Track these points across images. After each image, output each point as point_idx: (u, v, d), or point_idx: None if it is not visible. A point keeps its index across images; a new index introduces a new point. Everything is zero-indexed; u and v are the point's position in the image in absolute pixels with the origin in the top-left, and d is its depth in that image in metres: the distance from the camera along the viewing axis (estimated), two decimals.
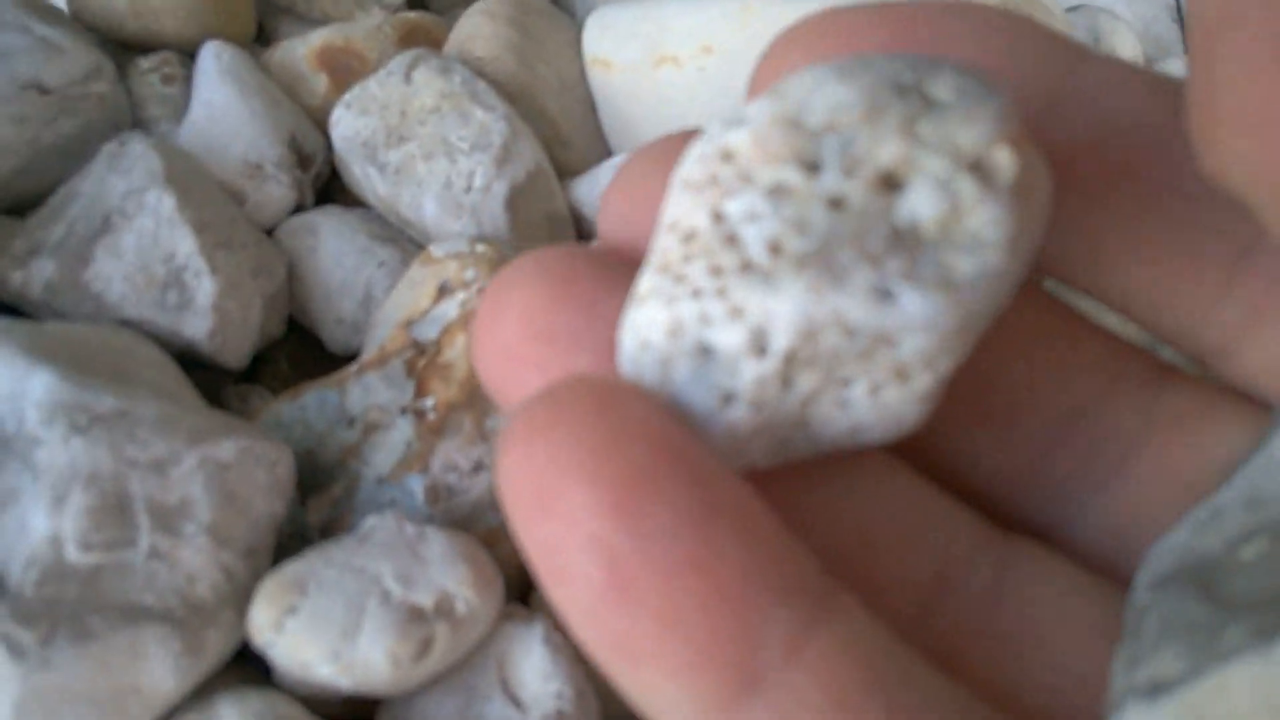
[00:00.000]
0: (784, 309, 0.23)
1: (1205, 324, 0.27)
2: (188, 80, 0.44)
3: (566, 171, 0.46)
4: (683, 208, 0.25)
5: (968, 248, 0.22)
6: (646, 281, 0.25)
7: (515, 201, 0.42)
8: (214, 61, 0.43)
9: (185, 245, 0.38)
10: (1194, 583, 0.20)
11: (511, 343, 0.28)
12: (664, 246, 0.25)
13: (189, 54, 0.45)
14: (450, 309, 0.38)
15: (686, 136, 0.29)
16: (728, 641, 0.21)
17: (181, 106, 0.44)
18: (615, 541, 0.20)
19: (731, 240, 0.24)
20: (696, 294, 0.24)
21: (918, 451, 0.29)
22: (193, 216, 0.38)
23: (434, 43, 0.46)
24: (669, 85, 0.44)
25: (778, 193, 0.24)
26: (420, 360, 0.37)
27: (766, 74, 0.28)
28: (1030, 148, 0.25)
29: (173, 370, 0.37)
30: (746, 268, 0.23)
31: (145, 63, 0.45)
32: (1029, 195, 0.24)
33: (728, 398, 0.24)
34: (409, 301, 0.39)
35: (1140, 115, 0.26)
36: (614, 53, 0.45)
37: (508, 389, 0.28)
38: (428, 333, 0.38)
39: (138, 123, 0.44)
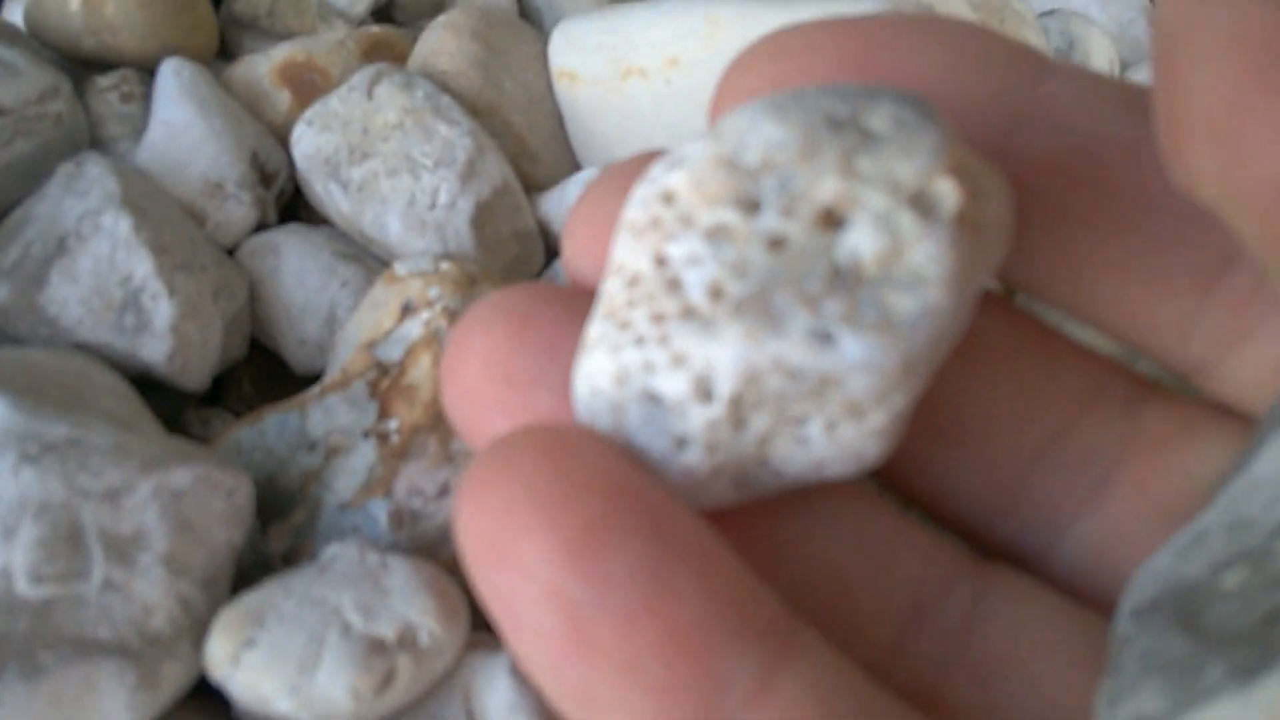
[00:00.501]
0: (724, 356, 0.22)
1: (1184, 341, 0.26)
2: (147, 98, 0.44)
3: (534, 186, 0.45)
4: (626, 251, 0.24)
5: (908, 285, 0.22)
6: (594, 328, 0.24)
7: (481, 218, 0.41)
8: (173, 79, 0.42)
9: (142, 267, 0.37)
10: (1176, 613, 0.20)
11: (475, 385, 0.27)
12: (610, 291, 0.24)
13: (149, 71, 0.44)
14: (414, 329, 0.37)
15: (648, 159, 0.29)
16: (690, 689, 0.21)
17: (141, 125, 0.43)
18: (572, 591, 0.20)
19: (674, 285, 0.23)
20: (640, 341, 0.23)
21: (894, 478, 0.29)
22: (150, 238, 0.37)
23: (398, 57, 0.46)
24: (636, 98, 0.43)
25: (717, 235, 0.23)
26: (383, 381, 0.37)
27: (724, 99, 0.28)
28: (985, 170, 0.24)
29: (129, 395, 0.36)
30: (687, 314, 0.22)
31: (104, 81, 0.44)
32: (976, 224, 0.23)
33: (681, 442, 0.23)
34: (372, 321, 0.38)
35: (1110, 128, 0.26)
36: (580, 65, 0.45)
37: (474, 431, 0.28)
38: (391, 353, 0.37)
39: (96, 142, 0.43)
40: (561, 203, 0.44)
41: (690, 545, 0.21)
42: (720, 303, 0.21)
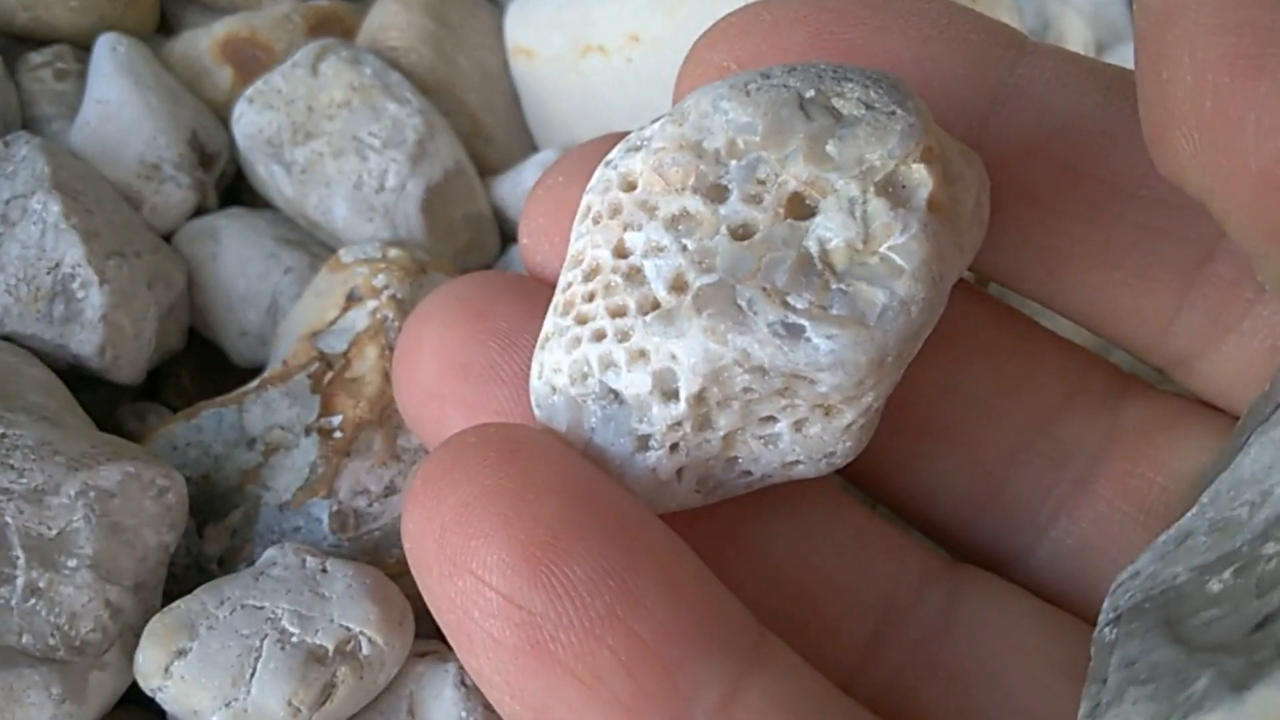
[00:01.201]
0: (687, 351, 0.21)
1: (1164, 334, 0.25)
2: (83, 75, 0.41)
3: (489, 169, 0.44)
4: (584, 241, 0.22)
5: (880, 277, 0.20)
6: (550, 321, 0.23)
7: (432, 202, 0.40)
8: (109, 55, 0.40)
9: (72, 254, 0.35)
10: (1161, 619, 0.19)
11: (428, 379, 0.26)
12: (567, 282, 0.23)
13: (85, 48, 0.42)
14: (359, 319, 0.35)
15: (605, 142, 0.27)
16: (655, 704, 0.19)
17: (76, 104, 0.41)
18: (530, 601, 0.19)
19: (634, 276, 0.21)
20: (598, 336, 0.21)
21: (867, 477, 0.28)
22: (81, 223, 0.35)
23: (346, 32, 0.44)
24: (595, 76, 0.42)
25: (680, 223, 0.21)
26: (327, 375, 0.35)
27: (689, 78, 0.26)
28: (959, 155, 0.23)
29: (58, 389, 0.34)
30: (648, 307, 0.21)
31: (36, 57, 0.42)
32: (951, 211, 0.21)
33: (643, 441, 0.22)
34: (315, 311, 0.36)
35: (1089, 112, 0.24)
36: (537, 42, 0.43)
37: (427, 427, 0.26)
38: (335, 345, 0.35)
39: (28, 122, 0.41)
40: (517, 186, 0.42)
41: (654, 551, 0.20)
42: (683, 295, 0.21)
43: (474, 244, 0.41)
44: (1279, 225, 0.18)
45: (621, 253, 0.22)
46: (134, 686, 0.30)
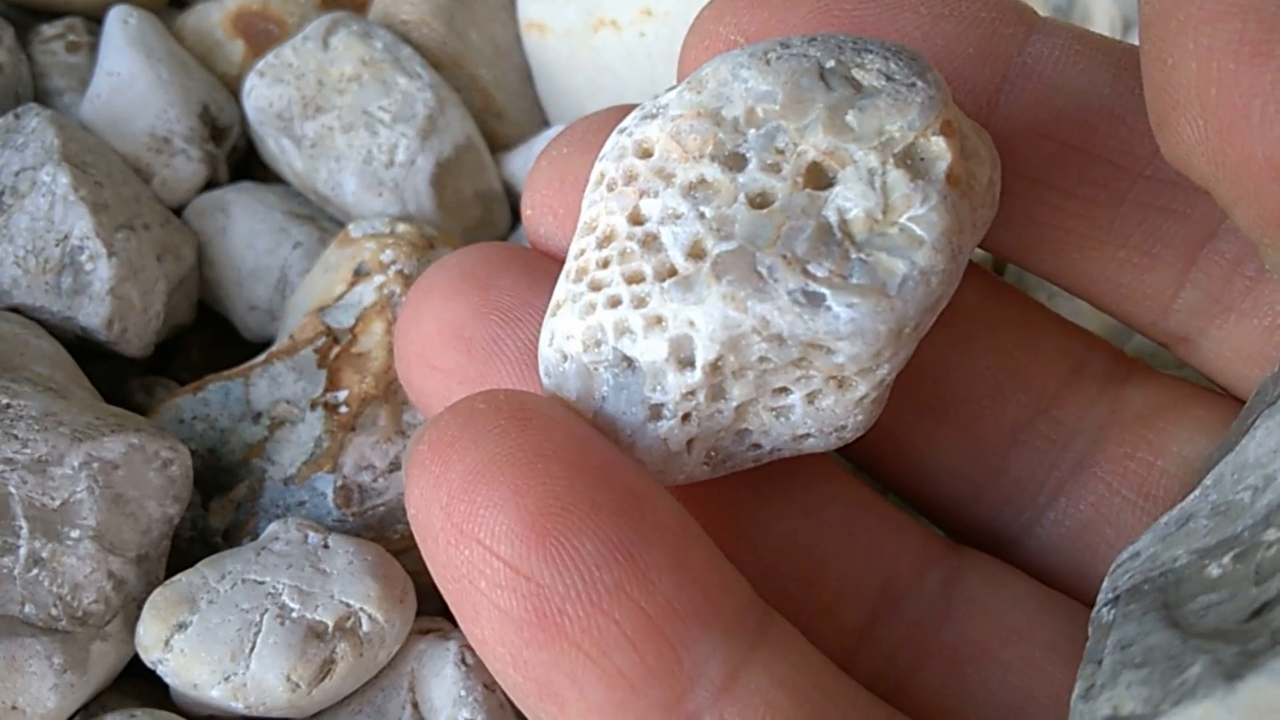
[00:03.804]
0: (705, 318, 0.20)
1: (1167, 311, 0.25)
2: (94, 48, 0.41)
3: (500, 144, 0.43)
4: (598, 207, 0.22)
5: (900, 247, 0.20)
6: (562, 288, 0.22)
7: (441, 178, 0.39)
8: (120, 27, 0.40)
9: (81, 226, 0.35)
10: (1159, 601, 0.18)
11: (430, 351, 0.26)
12: (580, 249, 0.22)
13: (96, 20, 0.42)
14: (366, 294, 0.35)
15: (612, 115, 0.27)
16: (659, 679, 0.19)
17: (87, 76, 0.41)
18: (537, 572, 0.19)
19: (650, 243, 0.21)
20: (613, 302, 0.21)
21: (869, 455, 0.27)
22: (90, 195, 0.35)
23: (358, 6, 0.44)
24: (608, 50, 0.41)
25: (698, 191, 0.21)
26: (333, 349, 0.35)
27: (693, 51, 0.26)
28: (971, 132, 0.22)
29: (64, 361, 0.34)
30: (665, 274, 0.21)
31: (49, 30, 0.42)
32: (967, 185, 0.21)
33: (655, 411, 0.21)
34: (323, 286, 0.36)
35: (1097, 91, 0.24)
36: (550, 16, 0.43)
37: (428, 399, 0.26)
38: (342, 320, 0.35)
39: (40, 94, 0.41)
40: (529, 162, 0.42)
41: (663, 527, 0.20)
42: (701, 262, 0.20)
43: (484, 220, 0.41)
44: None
45: (637, 219, 0.22)
46: (136, 658, 0.30)
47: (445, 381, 0.26)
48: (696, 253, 0.21)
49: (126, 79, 0.39)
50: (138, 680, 0.31)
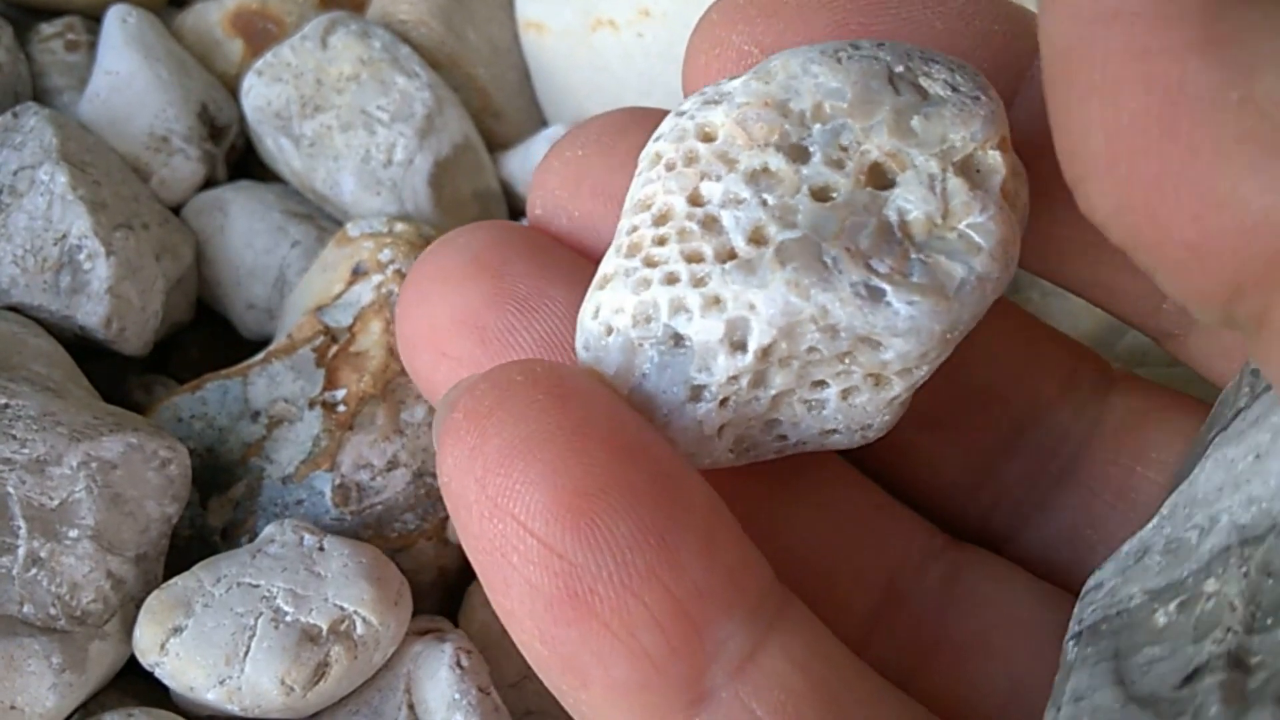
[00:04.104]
0: (767, 302, 0.20)
1: (1158, 311, 0.25)
2: (93, 47, 0.41)
3: (498, 144, 0.43)
4: (655, 186, 0.22)
5: (959, 252, 0.20)
6: (612, 262, 0.22)
7: (439, 177, 0.39)
8: (119, 26, 0.40)
9: (79, 225, 0.35)
10: (1111, 649, 0.19)
11: (440, 337, 0.26)
12: (632, 225, 0.23)
13: (96, 19, 0.42)
14: (364, 293, 0.35)
15: (622, 116, 0.27)
16: (681, 659, 0.19)
17: (86, 75, 0.41)
18: (571, 551, 0.19)
19: (711, 224, 0.21)
20: (670, 279, 0.21)
21: (867, 457, 0.28)
22: (88, 194, 0.35)
23: (357, 5, 0.44)
24: (606, 50, 0.41)
25: (761, 178, 0.21)
26: (331, 348, 0.35)
27: (704, 55, 0.25)
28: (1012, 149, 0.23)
29: (63, 360, 0.34)
30: (725, 256, 0.21)
31: (47, 28, 0.42)
32: (1015, 201, 0.22)
33: (697, 392, 0.22)
34: (321, 285, 0.36)
35: None
36: (548, 16, 0.43)
37: (436, 384, 0.26)
38: (340, 319, 0.35)
39: (39, 93, 0.41)
40: (527, 161, 0.42)
41: (695, 509, 0.20)
42: (764, 248, 0.20)
43: (482, 219, 0.41)
44: (1208, 290, 0.17)
45: (697, 201, 0.22)
46: (135, 657, 0.30)
47: (456, 369, 0.26)
48: (758, 238, 0.21)
49: (125, 78, 0.39)
50: (137, 679, 0.31)
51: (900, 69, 0.21)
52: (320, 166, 0.39)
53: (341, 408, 0.34)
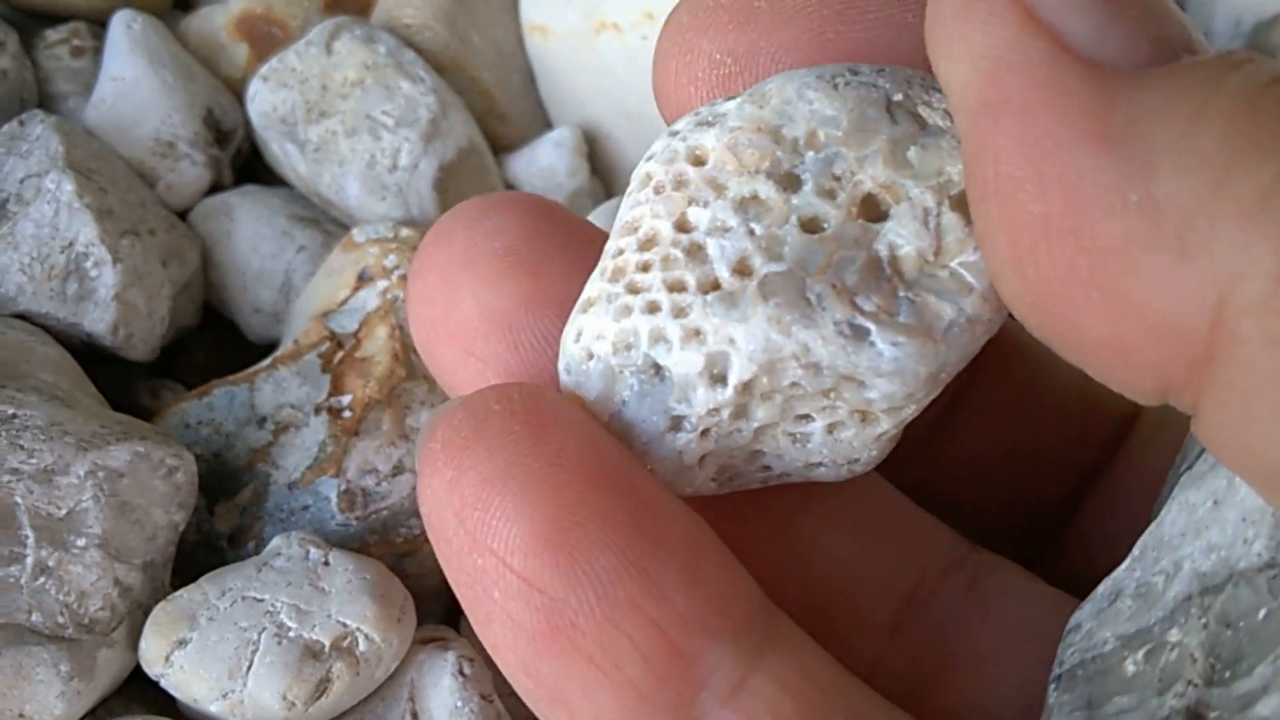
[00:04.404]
0: (747, 338, 0.20)
1: None
2: (99, 52, 0.42)
3: (503, 146, 0.43)
4: (643, 209, 0.22)
5: (950, 291, 0.20)
6: (595, 285, 0.22)
7: (445, 181, 0.39)
8: (124, 32, 0.40)
9: (85, 232, 0.35)
10: (1085, 698, 0.19)
11: (468, 335, 0.25)
12: (618, 248, 0.22)
13: (101, 24, 0.42)
14: (370, 299, 0.35)
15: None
16: (667, 688, 0.19)
17: (92, 81, 0.41)
18: (551, 586, 0.18)
19: (695, 253, 0.21)
20: (651, 308, 0.21)
21: (888, 463, 0.27)
22: (94, 202, 0.36)
23: (362, 10, 0.44)
24: (610, 53, 0.41)
25: (749, 206, 0.21)
26: (337, 354, 0.35)
27: (673, 60, 0.25)
28: None
29: (70, 368, 0.34)
30: (709, 286, 0.20)
31: (53, 34, 0.42)
32: None
33: (676, 423, 0.21)
34: (327, 290, 0.36)
35: None
36: (552, 19, 0.43)
37: (460, 382, 0.25)
38: (346, 325, 0.35)
39: (44, 99, 0.41)
40: (531, 164, 0.42)
41: (677, 536, 0.20)
42: (748, 280, 0.20)
43: None
44: (1137, 385, 0.16)
45: (684, 227, 0.21)
46: None
47: (483, 371, 0.25)
48: (743, 269, 0.20)
49: (131, 83, 0.39)
50: (144, 686, 0.31)
51: (899, 97, 0.21)
52: (325, 171, 0.39)
53: (347, 413, 0.34)
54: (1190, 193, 0.15)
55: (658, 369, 0.21)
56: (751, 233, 0.20)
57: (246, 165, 0.43)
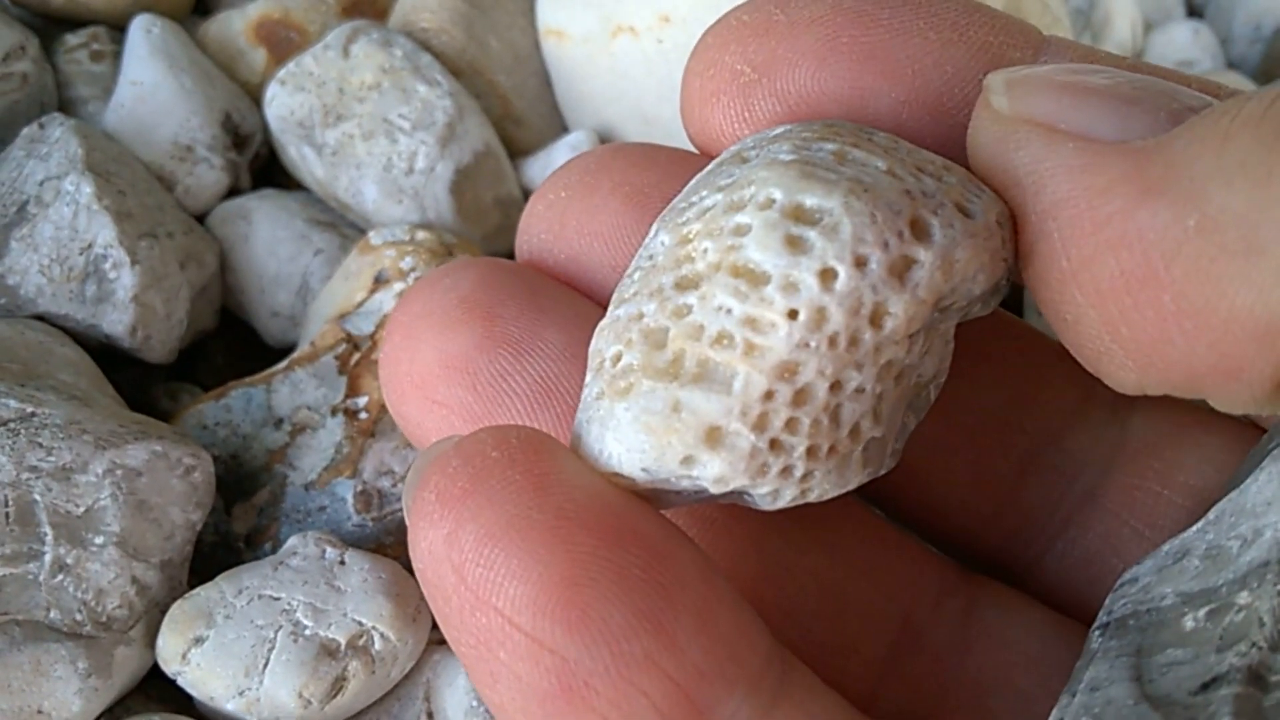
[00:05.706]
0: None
1: None
2: (118, 57, 0.42)
3: (519, 150, 0.43)
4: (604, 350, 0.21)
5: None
6: (594, 386, 0.21)
7: (461, 184, 0.40)
8: (143, 36, 0.41)
9: (104, 235, 0.35)
10: (1134, 646, 0.18)
11: (429, 383, 0.24)
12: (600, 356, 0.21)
13: (120, 29, 0.42)
14: (386, 301, 0.36)
15: (608, 152, 0.27)
16: None
17: (111, 85, 0.41)
18: (562, 646, 0.18)
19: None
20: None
21: (882, 489, 0.27)
22: (113, 204, 0.36)
23: (379, 14, 0.44)
24: (626, 57, 0.41)
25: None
26: (353, 356, 0.35)
27: (699, 78, 0.25)
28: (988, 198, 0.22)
29: (89, 369, 0.34)
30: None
31: (73, 39, 0.42)
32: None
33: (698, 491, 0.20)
34: (343, 293, 0.36)
35: None
36: (568, 23, 0.43)
37: (425, 431, 0.25)
38: (362, 327, 0.35)
39: (64, 104, 0.41)
40: (548, 168, 0.42)
41: (689, 585, 0.19)
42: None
43: (503, 226, 0.41)
44: (1256, 397, 0.18)
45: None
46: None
47: (447, 417, 0.24)
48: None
49: (150, 88, 0.40)
50: (162, 684, 0.31)
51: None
52: (343, 175, 0.39)
53: (363, 415, 0.34)
54: (1241, 197, 0.15)
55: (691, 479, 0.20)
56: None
57: (264, 169, 0.43)
